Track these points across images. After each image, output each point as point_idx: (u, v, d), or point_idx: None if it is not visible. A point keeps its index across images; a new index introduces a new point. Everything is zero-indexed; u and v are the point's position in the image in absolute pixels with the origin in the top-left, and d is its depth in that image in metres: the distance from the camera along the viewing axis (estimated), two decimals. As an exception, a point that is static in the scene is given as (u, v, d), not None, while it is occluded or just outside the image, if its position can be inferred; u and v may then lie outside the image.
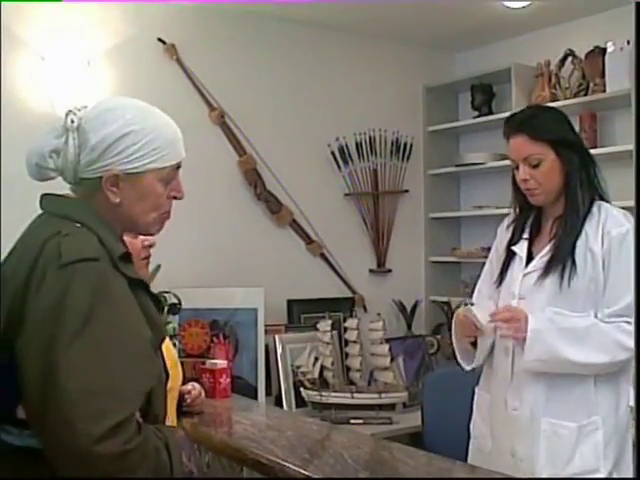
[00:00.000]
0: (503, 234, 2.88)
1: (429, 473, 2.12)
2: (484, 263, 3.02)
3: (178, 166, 1.94)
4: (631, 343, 2.50)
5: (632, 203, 4.07)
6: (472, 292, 3.02)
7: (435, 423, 3.76)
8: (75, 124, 1.85)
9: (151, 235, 2.02)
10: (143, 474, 1.67)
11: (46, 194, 1.92)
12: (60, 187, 1.92)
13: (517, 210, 2.81)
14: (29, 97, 4.06)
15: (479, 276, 3.02)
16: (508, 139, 2.70)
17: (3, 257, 1.89)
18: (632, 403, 2.68)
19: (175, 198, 1.96)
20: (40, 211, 1.92)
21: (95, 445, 1.57)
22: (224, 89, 4.67)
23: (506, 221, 2.90)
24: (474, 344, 2.79)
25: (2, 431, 1.77)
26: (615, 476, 2.58)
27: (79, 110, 1.89)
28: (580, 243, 2.60)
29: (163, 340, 1.94)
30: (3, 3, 3.80)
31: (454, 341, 2.89)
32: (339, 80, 5.22)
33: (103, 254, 1.75)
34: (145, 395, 1.76)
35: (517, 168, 2.68)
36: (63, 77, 4.09)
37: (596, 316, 2.58)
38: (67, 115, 1.87)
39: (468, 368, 2.83)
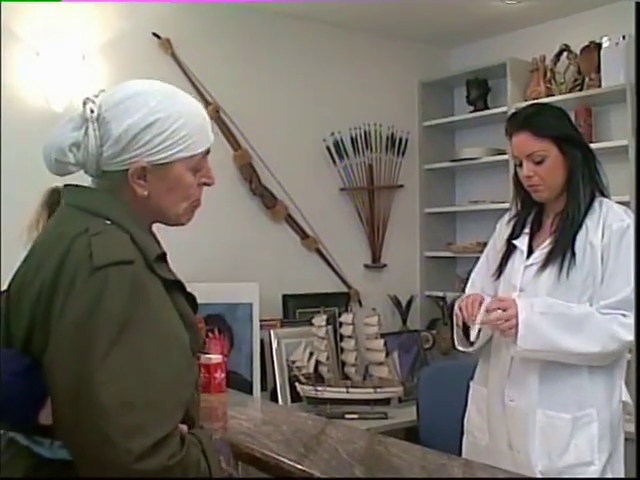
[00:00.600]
0: (503, 229, 2.90)
1: (424, 467, 2.12)
2: (480, 258, 3.03)
3: (207, 152, 1.85)
4: (625, 336, 2.54)
5: (627, 198, 4.11)
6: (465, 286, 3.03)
7: (430, 418, 3.76)
8: (95, 114, 1.73)
9: (182, 225, 1.86)
10: None
11: (68, 185, 1.81)
12: (63, 182, 1.84)
13: (519, 206, 2.83)
14: (24, 92, 4.05)
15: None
16: (511, 137, 2.72)
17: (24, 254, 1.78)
18: (625, 398, 2.70)
19: (206, 184, 1.87)
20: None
21: (136, 463, 1.47)
22: (219, 84, 4.67)
23: (507, 216, 2.91)
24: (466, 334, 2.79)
25: (32, 442, 1.68)
26: (609, 469, 2.60)
27: (97, 97, 1.77)
28: (580, 236, 2.62)
29: (202, 345, 1.84)
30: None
31: (455, 326, 2.88)
32: (334, 75, 5.22)
33: (137, 255, 1.64)
34: (186, 404, 1.67)
35: (520, 165, 2.69)
36: (58, 72, 4.08)
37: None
38: (85, 104, 1.75)
39: (471, 350, 2.83)
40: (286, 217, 4.97)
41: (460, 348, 2.86)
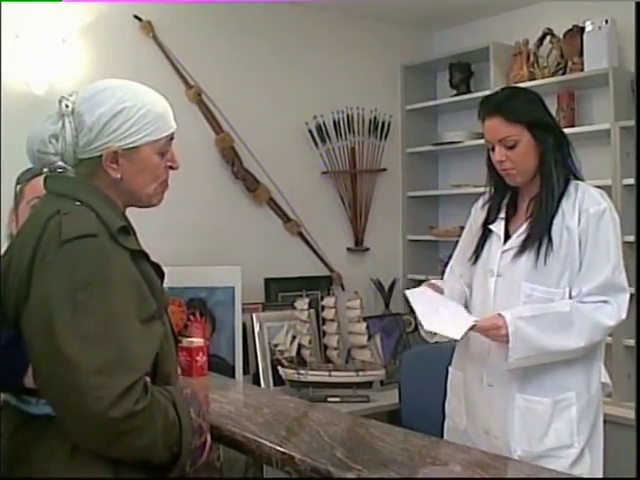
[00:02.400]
0: (478, 213, 2.90)
1: (405, 449, 2.13)
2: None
3: (171, 137, 2.06)
4: (608, 323, 2.55)
5: (609, 182, 4.12)
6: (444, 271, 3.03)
7: (412, 401, 3.77)
8: (69, 108, 1.95)
9: (153, 206, 2.08)
10: (152, 433, 1.78)
11: (49, 175, 2.01)
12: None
13: (492, 190, 2.83)
14: (3, 75, 3.99)
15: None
16: (483, 121, 2.72)
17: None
18: (604, 379, 2.71)
19: (171, 168, 2.08)
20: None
21: (107, 410, 1.67)
22: (201, 67, 4.64)
23: (481, 200, 2.91)
24: None
25: (20, 402, 1.91)
26: (587, 450, 2.61)
27: (70, 96, 1.98)
28: (557, 221, 2.62)
29: (167, 306, 2.04)
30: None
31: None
32: (317, 58, 5.21)
33: (101, 229, 1.85)
34: (152, 358, 1.88)
35: (493, 149, 2.69)
36: (38, 55, 4.03)
37: (570, 295, 2.59)
38: (60, 101, 1.96)
39: (431, 341, 2.84)
40: (268, 201, 4.96)
41: (424, 336, 2.87)
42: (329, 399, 4.40)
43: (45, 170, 2.00)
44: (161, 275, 2.03)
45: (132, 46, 4.40)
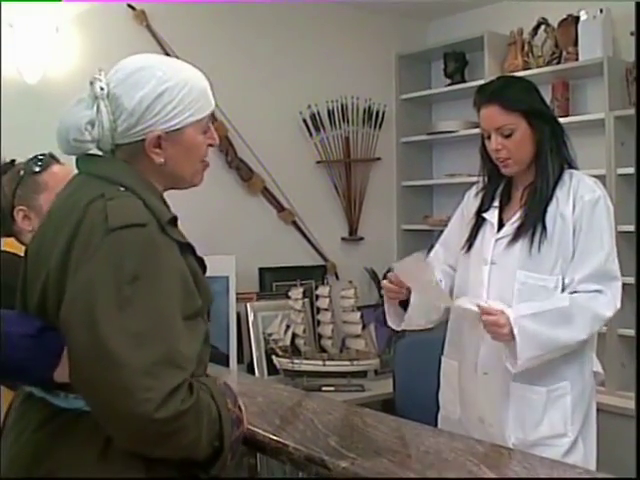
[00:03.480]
0: (471, 201, 2.89)
1: (399, 438, 2.13)
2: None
3: (212, 113, 1.97)
4: (607, 313, 2.56)
5: (603, 171, 4.13)
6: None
7: (407, 390, 3.78)
8: (105, 91, 1.82)
9: (195, 186, 2.00)
10: (198, 430, 1.69)
11: (84, 155, 1.90)
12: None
13: (486, 179, 2.82)
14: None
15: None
16: (479, 109, 2.71)
17: None
18: (595, 368, 2.72)
19: (210, 145, 1.97)
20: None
21: (154, 411, 1.58)
22: (195, 56, 4.53)
23: (475, 188, 2.90)
24: (404, 306, 2.78)
25: (47, 394, 1.80)
26: (581, 440, 2.62)
27: (101, 76, 1.84)
28: (551, 209, 2.62)
29: (211, 303, 1.94)
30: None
31: (385, 301, 2.88)
32: (311, 47, 5.19)
33: (150, 219, 1.74)
34: (196, 357, 1.78)
35: (488, 138, 2.69)
36: (31, 44, 4.02)
37: (564, 282, 2.59)
38: (93, 83, 1.83)
39: (398, 329, 2.84)
40: (262, 190, 4.95)
41: (390, 324, 2.86)
42: (323, 388, 4.41)
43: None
44: (204, 269, 1.93)
45: (126, 35, 4.39)
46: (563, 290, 2.59)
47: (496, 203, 2.77)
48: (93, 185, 1.81)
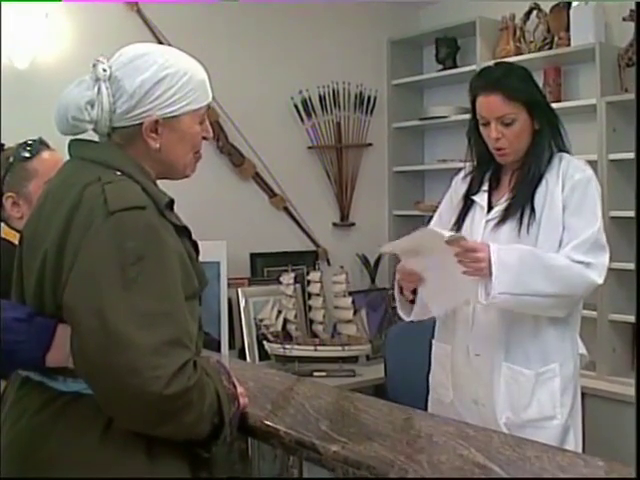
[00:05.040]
0: (459, 185, 2.88)
1: (390, 422, 2.13)
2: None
3: (208, 106, 2.00)
4: (596, 278, 2.54)
5: (595, 157, 4.13)
6: None
7: (398, 375, 3.79)
8: (107, 73, 1.85)
9: (186, 177, 2.05)
10: (200, 407, 1.73)
11: (75, 139, 1.93)
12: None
13: (475, 162, 2.82)
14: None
15: None
16: (477, 96, 2.69)
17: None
18: (582, 351, 2.73)
19: (204, 138, 2.02)
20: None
21: (163, 389, 1.61)
22: (185, 42, 4.52)
23: (462, 173, 2.90)
24: (412, 300, 2.78)
25: (46, 377, 1.82)
26: (570, 423, 2.63)
27: (104, 60, 1.88)
28: (540, 190, 2.62)
29: (206, 285, 1.97)
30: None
31: (396, 292, 2.88)
32: (303, 33, 5.18)
33: (149, 202, 1.78)
34: (195, 337, 1.83)
35: (484, 124, 2.68)
36: (21, 30, 3.99)
37: None
38: (95, 65, 1.85)
39: (407, 319, 2.84)
40: (254, 175, 4.95)
41: (402, 315, 2.86)
42: (315, 373, 4.42)
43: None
44: (197, 253, 1.97)
45: (116, 20, 4.37)
46: None
47: (485, 187, 2.77)
48: (88, 169, 1.83)
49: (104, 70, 1.85)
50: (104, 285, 1.65)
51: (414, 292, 2.78)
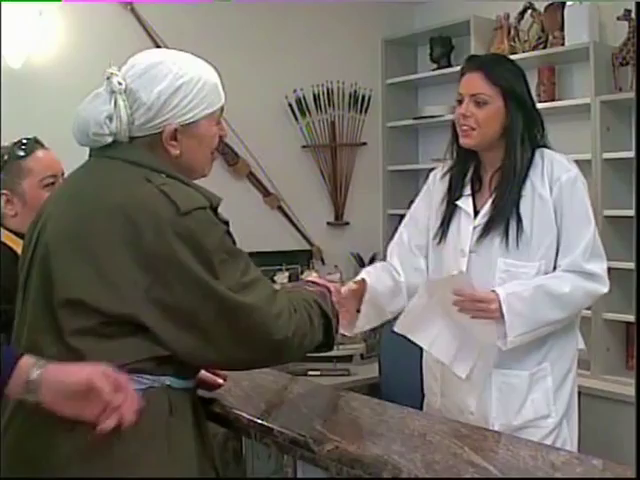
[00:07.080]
0: (437, 185, 2.80)
1: (383, 421, 2.13)
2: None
3: (222, 107, 2.04)
4: (603, 289, 2.55)
5: (589, 156, 4.13)
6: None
7: (392, 374, 3.79)
8: (122, 86, 1.86)
9: (204, 177, 2.06)
10: (310, 321, 2.00)
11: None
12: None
13: (455, 155, 2.74)
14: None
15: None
16: (462, 77, 2.66)
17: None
18: (581, 346, 2.71)
19: (221, 137, 2.06)
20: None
21: (287, 331, 1.88)
22: (180, 40, 4.56)
23: (439, 170, 2.84)
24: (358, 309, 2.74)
25: None
26: (565, 420, 2.61)
27: (116, 71, 1.89)
28: (526, 192, 2.57)
29: None
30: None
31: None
32: (297, 31, 5.18)
33: (205, 202, 1.85)
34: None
35: (460, 103, 2.63)
36: (14, 28, 3.98)
37: (555, 265, 2.56)
38: (110, 78, 1.87)
39: (349, 334, 2.82)
40: (248, 174, 4.95)
41: (342, 331, 2.79)
42: (309, 372, 4.40)
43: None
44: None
45: (110, 19, 4.36)
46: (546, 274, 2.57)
47: (468, 190, 2.70)
48: (125, 170, 1.86)
49: (119, 83, 1.86)
50: (200, 275, 1.76)
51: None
